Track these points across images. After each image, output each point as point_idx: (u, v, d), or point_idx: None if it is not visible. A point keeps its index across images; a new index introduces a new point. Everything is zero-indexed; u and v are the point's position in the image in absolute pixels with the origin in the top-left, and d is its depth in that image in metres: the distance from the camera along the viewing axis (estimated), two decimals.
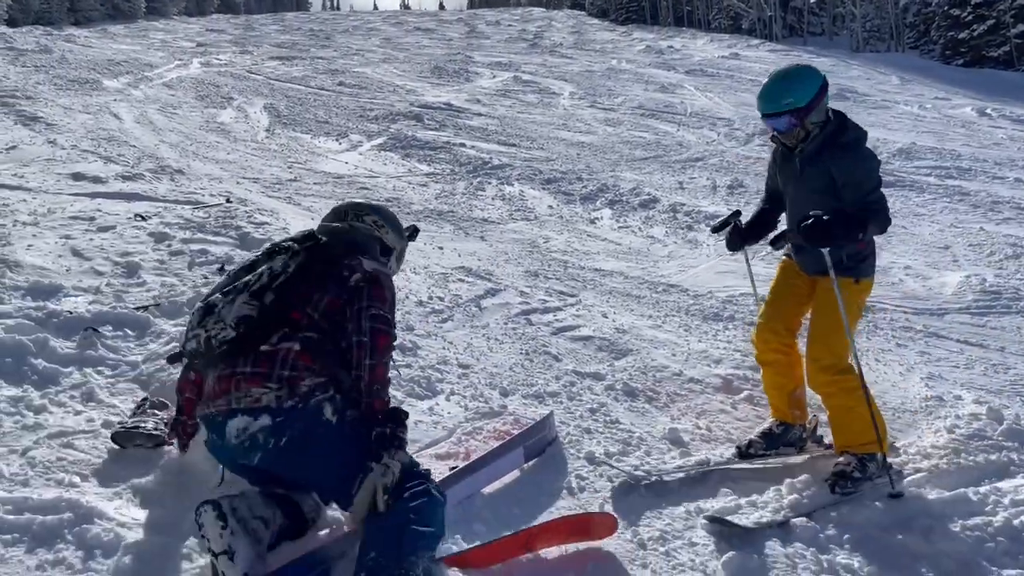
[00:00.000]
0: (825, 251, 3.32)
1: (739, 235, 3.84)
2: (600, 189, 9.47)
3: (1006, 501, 3.21)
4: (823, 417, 3.97)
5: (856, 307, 3.55)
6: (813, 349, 3.50)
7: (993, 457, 3.60)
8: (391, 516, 2.36)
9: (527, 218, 8.32)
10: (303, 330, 2.53)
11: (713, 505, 3.25)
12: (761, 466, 3.60)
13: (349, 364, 2.55)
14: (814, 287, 3.61)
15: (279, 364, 2.44)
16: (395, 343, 2.75)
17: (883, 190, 3.42)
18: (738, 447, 3.67)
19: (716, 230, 3.97)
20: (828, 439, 3.81)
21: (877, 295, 6.11)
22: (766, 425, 3.80)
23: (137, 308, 4.35)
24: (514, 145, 12.03)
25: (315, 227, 2.92)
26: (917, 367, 4.85)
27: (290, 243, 2.75)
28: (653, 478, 3.32)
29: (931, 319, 5.74)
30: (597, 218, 8.52)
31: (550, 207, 8.82)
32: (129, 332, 4.09)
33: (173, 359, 2.83)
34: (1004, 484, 3.41)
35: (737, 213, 3.87)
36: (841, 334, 3.45)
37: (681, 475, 3.40)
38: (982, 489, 3.33)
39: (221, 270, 2.67)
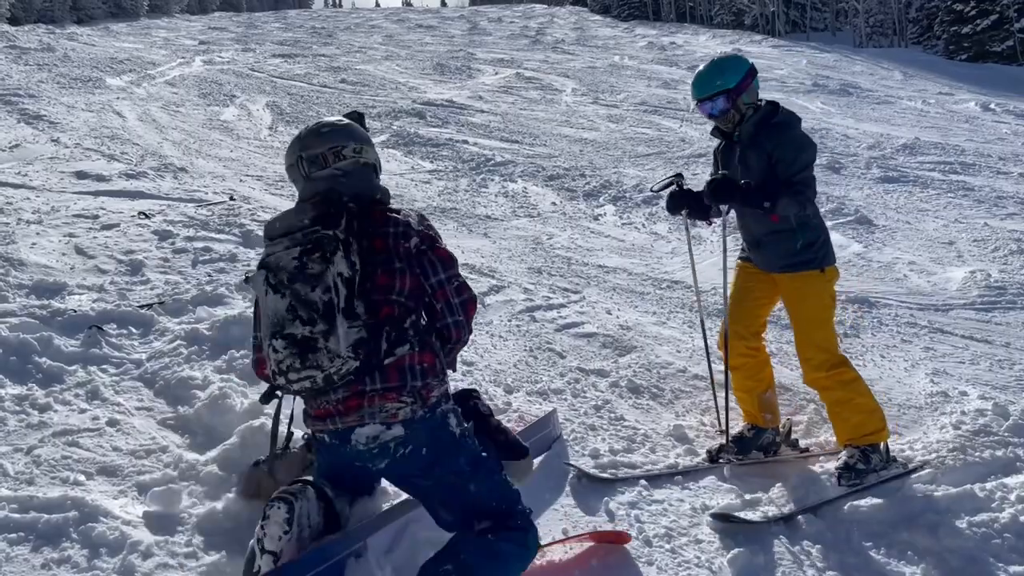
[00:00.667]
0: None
1: (681, 197, 3.69)
2: (603, 185, 9.46)
3: (1012, 497, 3.20)
4: (797, 418, 3.98)
5: (829, 297, 3.54)
6: (802, 350, 3.51)
7: (999, 453, 3.59)
8: (490, 536, 2.36)
9: (530, 215, 8.32)
10: (402, 322, 2.38)
11: (719, 501, 3.25)
12: (763, 462, 3.60)
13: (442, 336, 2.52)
14: (775, 286, 3.60)
15: (409, 375, 2.34)
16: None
17: (888, 185, 3.44)
18: (708, 451, 3.63)
19: (658, 190, 3.83)
20: (804, 443, 3.82)
21: (882, 291, 6.12)
22: (737, 429, 3.77)
23: (141, 306, 4.36)
24: (517, 142, 12.02)
25: (305, 192, 2.49)
26: (922, 363, 4.84)
27: (317, 230, 2.30)
28: (605, 475, 3.32)
29: (936, 315, 5.72)
30: (600, 214, 8.50)
31: (553, 204, 8.81)
32: (133, 330, 4.10)
33: (266, 399, 2.65)
34: (1010, 480, 3.40)
35: (679, 175, 3.77)
36: (824, 328, 3.47)
37: (643, 476, 3.37)
38: (988, 485, 3.32)
39: (247, 281, 2.45)
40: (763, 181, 3.36)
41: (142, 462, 3.11)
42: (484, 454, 2.49)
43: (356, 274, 2.29)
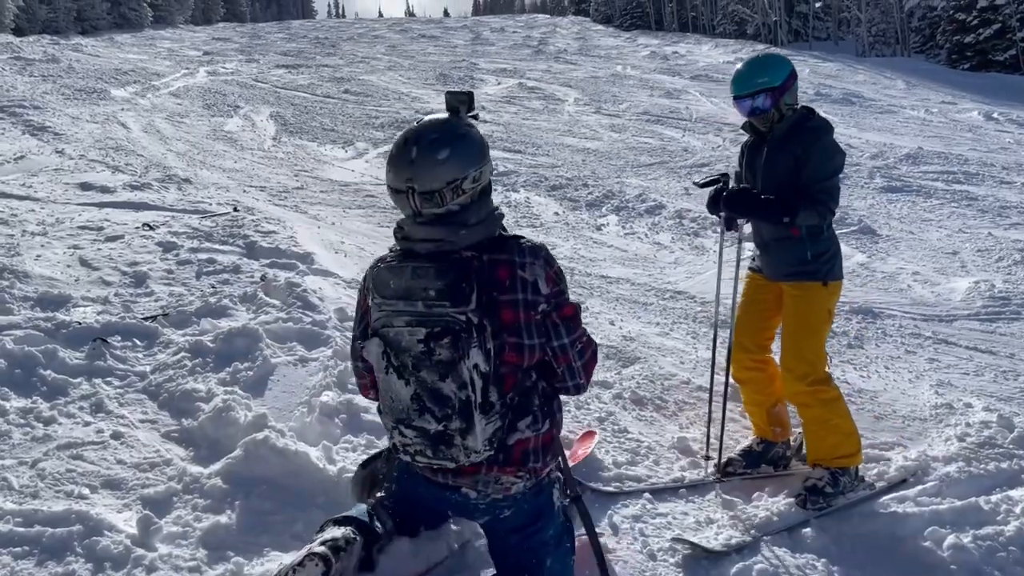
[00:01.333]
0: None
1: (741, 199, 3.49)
2: (606, 195, 9.47)
3: (1017, 510, 3.19)
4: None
5: (826, 312, 3.46)
6: (786, 359, 3.44)
7: (1004, 465, 3.57)
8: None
9: (533, 225, 8.32)
10: (528, 397, 2.24)
11: (723, 515, 3.23)
12: (771, 476, 3.58)
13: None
14: (781, 296, 3.54)
15: (532, 457, 2.25)
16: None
17: (896, 194, 3.42)
18: (716, 465, 3.60)
19: (702, 186, 3.68)
20: None
21: (886, 301, 6.11)
22: (746, 443, 3.74)
23: (146, 318, 4.37)
24: (519, 151, 12.04)
25: (416, 234, 2.18)
26: (926, 374, 4.83)
27: (444, 307, 2.05)
28: (609, 488, 3.31)
29: (940, 326, 5.71)
30: (603, 224, 8.51)
31: (556, 214, 8.82)
32: (138, 342, 4.11)
33: (366, 464, 2.59)
34: (1015, 492, 3.38)
35: (726, 175, 3.59)
36: (814, 341, 3.39)
37: (647, 490, 3.35)
38: (993, 498, 3.30)
39: (361, 349, 2.22)
40: (784, 194, 3.28)
41: (146, 475, 3.12)
42: (569, 532, 2.47)
43: (491, 363, 2.09)
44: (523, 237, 2.26)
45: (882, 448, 3.85)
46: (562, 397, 2.41)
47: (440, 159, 2.10)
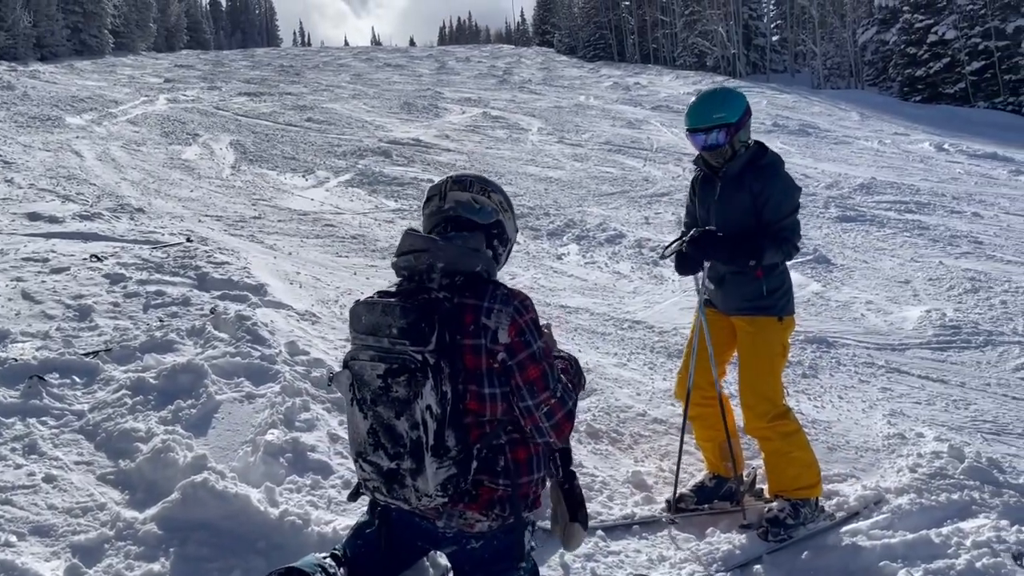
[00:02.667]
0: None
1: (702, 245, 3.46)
2: (567, 224, 9.49)
3: (968, 543, 3.19)
4: (760, 463, 3.93)
5: (781, 347, 3.46)
6: (746, 397, 3.44)
7: (955, 496, 3.59)
8: None
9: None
10: (494, 452, 2.19)
11: (676, 553, 3.19)
12: (723, 512, 3.55)
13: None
14: (734, 331, 3.53)
15: (497, 506, 2.20)
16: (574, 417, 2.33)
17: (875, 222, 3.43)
18: (667, 501, 3.56)
19: (665, 256, 3.66)
20: (767, 492, 3.72)
21: (840, 331, 6.17)
22: (699, 478, 3.71)
23: (86, 354, 4.23)
24: None
25: (404, 245, 2.22)
26: (879, 404, 4.86)
27: (405, 346, 2.07)
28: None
29: (893, 354, 5.77)
30: (564, 254, 8.51)
31: (517, 243, 8.79)
32: (77, 379, 3.97)
33: (354, 497, 2.44)
34: (966, 524, 3.39)
35: (686, 236, 3.53)
36: (771, 377, 3.41)
37: (598, 527, 3.29)
38: (944, 530, 3.31)
39: (330, 382, 2.24)
40: (743, 237, 3.28)
41: (78, 521, 2.99)
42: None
43: (448, 406, 2.07)
44: (503, 285, 2.22)
45: (835, 480, 3.85)
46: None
47: (485, 176, 2.36)
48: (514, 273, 7.55)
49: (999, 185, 13.31)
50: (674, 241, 3.56)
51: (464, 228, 2.23)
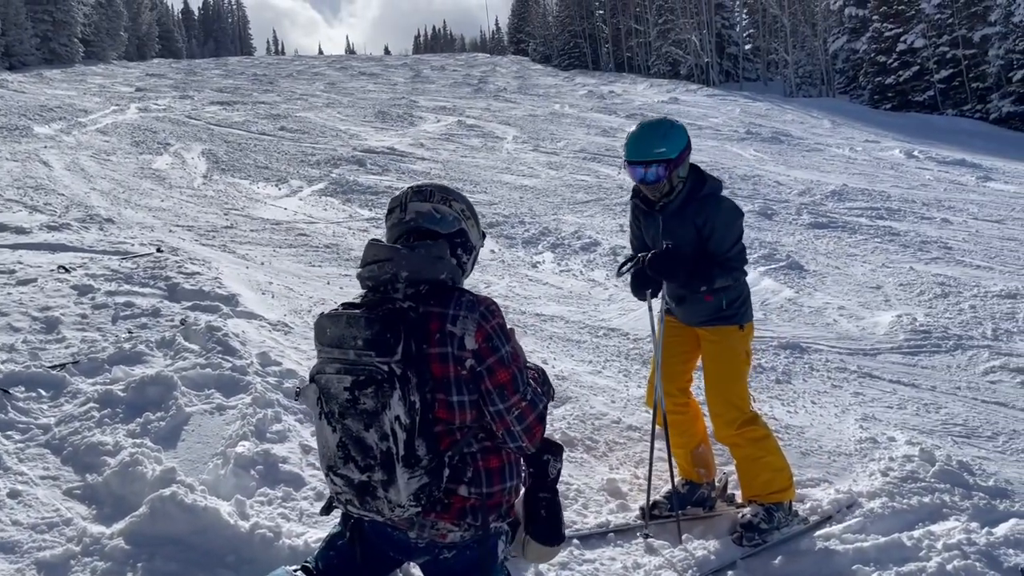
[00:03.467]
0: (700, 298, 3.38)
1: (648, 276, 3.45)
2: (542, 232, 9.50)
3: (939, 546, 3.22)
4: (732, 469, 3.94)
5: (745, 353, 3.52)
6: (714, 405, 3.48)
7: (926, 500, 3.62)
8: None
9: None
10: (464, 460, 2.17)
11: (651, 560, 3.18)
12: (697, 518, 3.55)
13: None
14: (698, 339, 3.58)
15: (469, 515, 2.18)
16: (545, 412, 2.30)
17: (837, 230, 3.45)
18: (641, 508, 3.55)
19: (621, 275, 3.65)
20: (739, 497, 3.75)
21: (812, 336, 6.22)
22: (672, 485, 3.67)
23: (53, 367, 4.15)
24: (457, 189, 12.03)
25: (368, 255, 2.19)
26: (852, 408, 4.90)
27: (370, 357, 2.05)
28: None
29: (865, 359, 5.83)
30: (539, 262, 8.52)
31: (492, 251, 8.79)
32: (43, 392, 3.90)
33: (327, 511, 2.38)
34: (937, 527, 3.43)
35: (643, 255, 3.50)
36: (737, 385, 3.45)
37: (572, 536, 3.26)
38: (916, 533, 3.34)
39: (297, 396, 2.19)
40: (696, 264, 3.31)
41: (43, 537, 2.93)
42: None
43: (417, 416, 2.05)
44: (468, 291, 2.19)
45: (808, 485, 3.87)
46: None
47: (446, 185, 2.32)
48: (489, 281, 7.54)
49: (967, 191, 13.55)
50: (627, 261, 3.55)
51: (427, 238, 2.22)
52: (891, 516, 3.51)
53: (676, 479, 3.71)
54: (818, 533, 3.38)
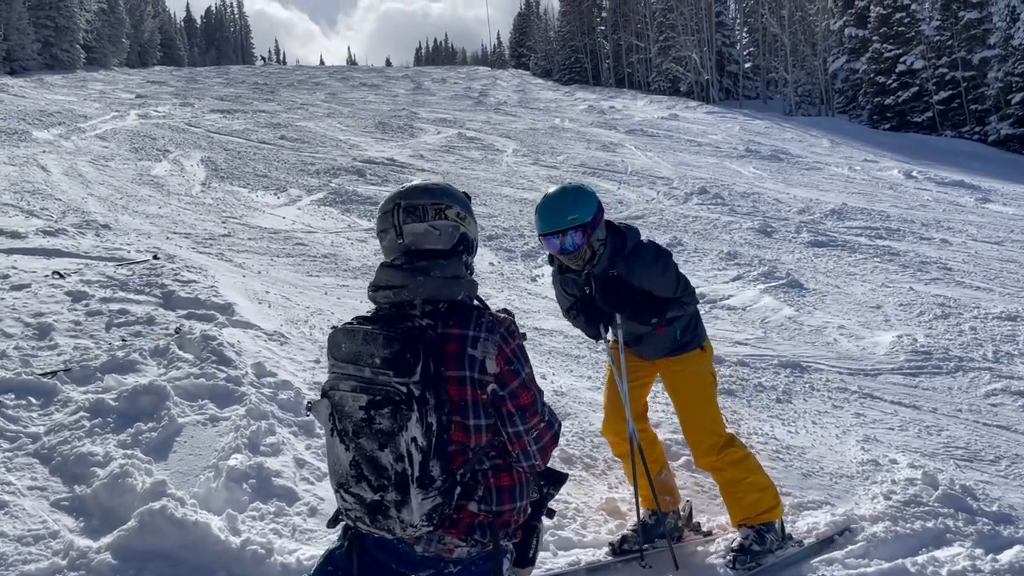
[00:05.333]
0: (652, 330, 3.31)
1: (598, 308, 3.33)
2: (542, 246, 9.44)
3: (943, 572, 3.17)
4: (694, 497, 3.85)
5: (709, 373, 3.48)
6: (690, 434, 3.43)
7: (930, 524, 3.57)
8: None
9: None
10: (476, 478, 2.13)
11: None
12: (665, 550, 3.39)
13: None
14: (653, 367, 3.51)
15: (477, 531, 2.14)
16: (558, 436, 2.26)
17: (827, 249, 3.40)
18: (611, 544, 3.44)
19: (570, 314, 3.50)
20: (706, 526, 3.66)
21: (813, 355, 6.17)
22: (639, 517, 3.52)
23: (44, 374, 4.08)
24: None
25: (379, 280, 2.13)
26: (853, 429, 4.84)
27: (388, 376, 1.98)
28: None
29: (865, 380, 5.77)
30: (538, 275, 8.47)
31: (491, 264, 8.75)
32: (33, 400, 3.83)
33: (333, 523, 2.32)
34: (941, 553, 3.37)
35: (589, 291, 3.37)
36: (708, 408, 3.40)
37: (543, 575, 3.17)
38: (920, 559, 3.28)
39: (309, 410, 2.14)
40: (648, 300, 3.25)
41: (29, 549, 2.85)
42: None
43: (433, 437, 1.99)
44: (487, 310, 2.14)
45: (811, 507, 3.81)
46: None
47: (430, 188, 2.18)
48: (488, 295, 7.49)
49: (966, 212, 13.55)
50: (571, 306, 3.41)
51: (430, 256, 2.14)
52: (894, 541, 3.45)
53: (642, 511, 3.53)
54: (820, 558, 3.31)
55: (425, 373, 1.98)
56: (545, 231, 3.19)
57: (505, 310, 2.35)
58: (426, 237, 2.13)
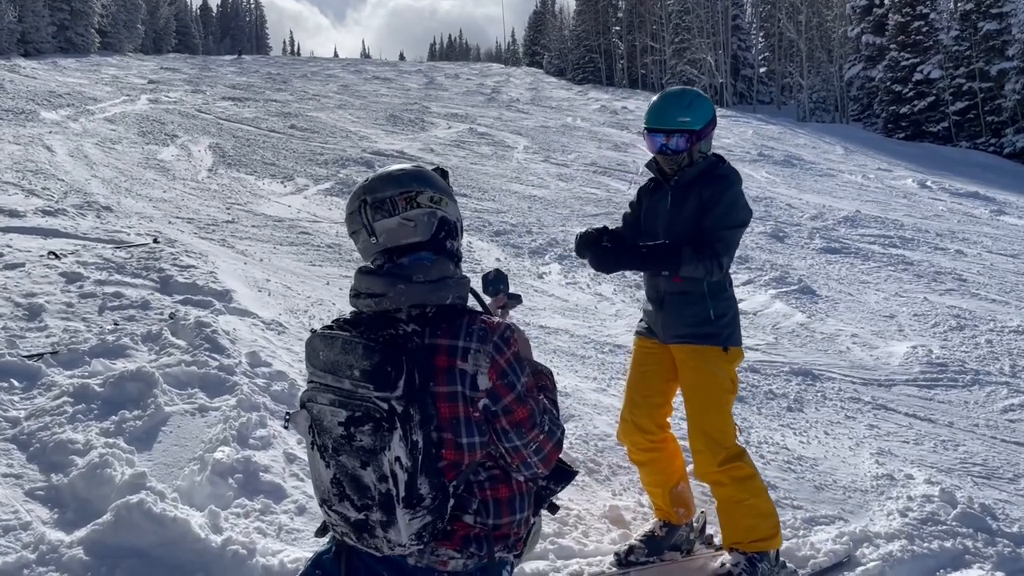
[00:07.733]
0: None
1: (611, 253, 3.06)
2: (550, 243, 9.30)
3: None
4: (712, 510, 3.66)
5: (729, 380, 3.08)
6: (694, 440, 3.08)
7: (948, 544, 3.39)
8: None
9: (473, 270, 8.07)
10: (470, 491, 1.97)
11: None
12: (675, 563, 3.24)
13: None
14: (673, 363, 3.17)
15: (473, 544, 1.98)
16: (561, 440, 2.07)
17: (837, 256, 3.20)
18: (616, 554, 3.22)
19: (581, 251, 3.13)
20: (717, 538, 3.38)
21: (825, 363, 5.99)
22: (648, 527, 3.33)
23: (29, 356, 3.94)
24: (465, 195, 11.85)
25: (360, 284, 1.94)
26: (866, 441, 4.67)
27: (368, 390, 1.81)
28: None
29: (879, 390, 5.59)
30: (545, 273, 8.31)
31: (498, 260, 8.59)
32: (15, 383, 3.69)
33: (322, 533, 2.17)
34: (959, 575, 3.20)
35: (605, 229, 3.14)
36: (720, 416, 3.05)
37: None
38: None
39: (286, 423, 1.97)
40: (664, 246, 2.99)
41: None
42: None
43: (420, 455, 1.83)
44: (479, 316, 1.94)
45: (823, 521, 3.63)
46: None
47: (395, 175, 1.96)
48: None
49: (981, 224, 13.33)
50: (585, 232, 3.14)
51: (409, 251, 1.95)
52: (911, 561, 3.27)
53: (653, 521, 3.35)
54: None
55: (409, 387, 1.80)
56: (653, 126, 3.06)
57: (497, 271, 2.16)
58: (401, 232, 1.93)
